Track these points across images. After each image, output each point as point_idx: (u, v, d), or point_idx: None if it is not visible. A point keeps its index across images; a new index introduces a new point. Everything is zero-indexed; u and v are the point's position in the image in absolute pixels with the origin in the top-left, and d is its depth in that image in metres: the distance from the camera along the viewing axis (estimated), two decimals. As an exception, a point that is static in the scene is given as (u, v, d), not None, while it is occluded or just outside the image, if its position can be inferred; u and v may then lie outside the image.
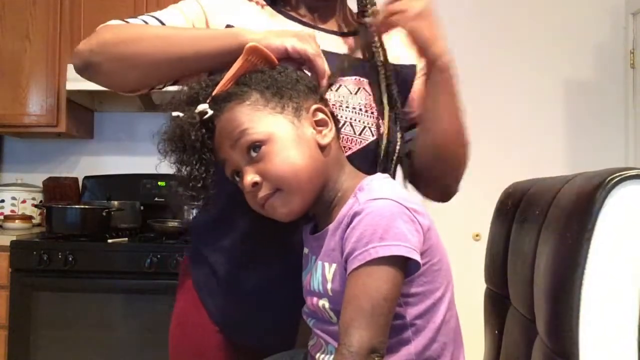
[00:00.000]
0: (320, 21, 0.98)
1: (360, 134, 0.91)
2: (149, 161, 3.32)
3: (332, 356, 0.75)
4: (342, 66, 0.90)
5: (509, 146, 2.63)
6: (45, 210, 2.42)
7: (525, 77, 2.74)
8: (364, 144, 0.91)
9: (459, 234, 2.44)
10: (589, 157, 2.63)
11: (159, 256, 2.13)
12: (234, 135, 0.75)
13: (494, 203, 1.10)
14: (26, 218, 2.60)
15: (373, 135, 0.92)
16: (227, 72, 0.79)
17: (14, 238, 2.21)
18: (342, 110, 0.91)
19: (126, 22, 0.96)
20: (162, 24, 0.94)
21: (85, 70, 0.96)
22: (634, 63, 2.72)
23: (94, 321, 2.17)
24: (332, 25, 0.99)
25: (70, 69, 2.43)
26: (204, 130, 0.77)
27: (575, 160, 2.72)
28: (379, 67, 0.93)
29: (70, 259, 2.13)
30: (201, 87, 0.80)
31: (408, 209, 0.69)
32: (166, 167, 0.81)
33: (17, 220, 2.55)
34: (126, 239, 2.33)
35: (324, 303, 0.76)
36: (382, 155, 0.91)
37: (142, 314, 2.18)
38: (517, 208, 0.94)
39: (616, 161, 2.60)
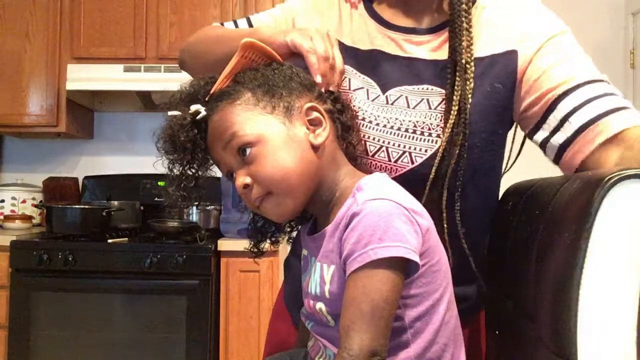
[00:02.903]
0: (405, 15, 0.90)
1: (396, 161, 0.84)
2: (149, 161, 3.32)
3: None
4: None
5: (509, 145, 2.63)
6: (45, 210, 2.42)
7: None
8: (400, 172, 0.84)
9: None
10: (589, 157, 2.63)
11: (159, 256, 2.13)
12: (224, 137, 0.74)
13: (494, 203, 1.10)
14: (26, 218, 2.60)
15: (412, 163, 0.84)
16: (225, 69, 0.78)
17: (14, 238, 2.21)
18: (386, 132, 0.85)
19: (221, 24, 1.03)
20: (250, 24, 1.00)
21: (180, 66, 1.03)
22: (634, 63, 2.72)
23: (94, 321, 2.18)
24: (419, 19, 0.90)
25: (70, 69, 2.46)
26: (195, 131, 0.77)
27: (575, 160, 2.72)
28: (457, 72, 0.81)
29: (70, 259, 2.13)
30: (200, 85, 0.79)
31: (407, 210, 0.68)
32: (164, 166, 0.81)
33: (17, 220, 2.56)
34: (126, 239, 2.33)
35: (320, 306, 0.75)
36: (432, 176, 0.82)
37: (142, 314, 2.18)
38: (517, 208, 0.94)
39: (616, 161, 2.60)
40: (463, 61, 0.81)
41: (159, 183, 2.67)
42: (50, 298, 2.18)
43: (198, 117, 0.76)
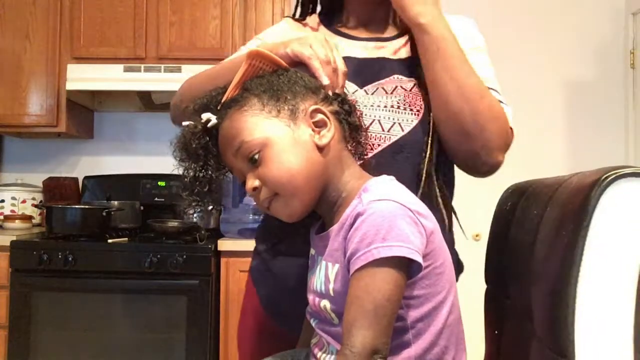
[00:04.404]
0: (369, 30, 1.03)
1: (388, 131, 0.92)
2: (149, 161, 3.31)
3: (334, 356, 0.76)
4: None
5: (509, 146, 2.63)
6: (45, 210, 2.42)
7: (525, 77, 2.74)
8: (393, 140, 0.92)
9: (459, 234, 2.44)
10: (589, 157, 2.64)
11: (159, 256, 2.13)
12: (234, 144, 0.77)
13: (494, 203, 1.10)
14: (26, 218, 2.60)
15: (403, 131, 0.92)
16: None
17: (14, 238, 2.21)
18: (374, 110, 0.93)
19: (203, 71, 1.06)
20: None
21: (176, 120, 1.04)
22: (634, 63, 2.72)
23: (94, 321, 2.17)
24: (381, 32, 1.04)
25: (70, 69, 2.46)
26: (207, 138, 0.80)
27: (575, 160, 2.72)
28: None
29: (70, 259, 2.13)
30: (212, 96, 0.82)
31: (411, 211, 0.70)
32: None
33: (17, 220, 2.55)
34: (126, 239, 2.33)
35: (325, 304, 0.76)
36: (429, 146, 0.92)
37: (142, 314, 2.18)
38: (516, 208, 0.94)
39: (616, 161, 2.60)
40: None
41: (159, 183, 2.67)
42: (50, 298, 2.17)
43: (209, 125, 0.79)
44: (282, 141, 0.75)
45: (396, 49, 1.00)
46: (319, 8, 1.11)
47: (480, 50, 1.01)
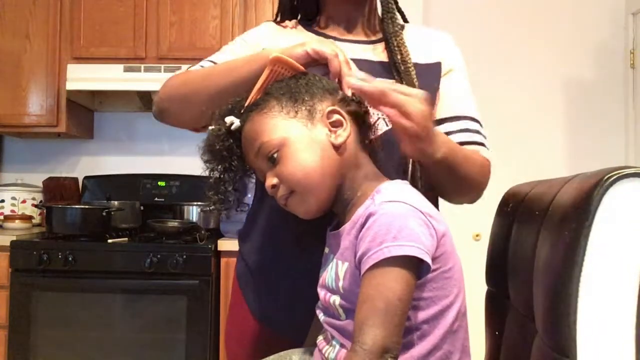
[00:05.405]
0: (348, 33, 1.06)
1: (374, 123, 0.93)
2: (149, 161, 3.29)
3: (337, 349, 0.78)
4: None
5: (508, 146, 2.64)
6: (45, 210, 2.42)
7: (525, 77, 2.74)
8: (378, 134, 0.92)
9: (459, 234, 2.45)
10: (589, 157, 2.64)
11: (158, 256, 2.13)
12: (255, 145, 0.80)
13: (495, 203, 1.10)
14: (26, 218, 2.60)
15: (387, 125, 0.92)
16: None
17: (14, 238, 2.21)
18: None
19: (189, 70, 1.08)
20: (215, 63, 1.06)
21: (159, 115, 1.07)
22: (634, 63, 2.72)
23: (94, 321, 2.17)
24: (360, 35, 1.07)
25: (70, 69, 2.46)
26: (231, 141, 0.84)
27: (575, 161, 2.73)
28: (399, 66, 0.98)
29: (70, 259, 2.13)
30: (237, 101, 0.86)
31: (423, 213, 0.71)
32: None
33: (17, 220, 2.56)
34: (126, 239, 2.33)
35: (335, 299, 0.78)
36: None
37: (142, 314, 2.18)
38: (517, 209, 0.94)
39: (616, 161, 2.61)
40: (402, 67, 0.97)
41: (159, 183, 2.67)
42: (50, 298, 2.17)
43: (232, 127, 0.83)
44: (299, 140, 0.78)
45: (377, 52, 1.03)
46: (299, 16, 1.14)
47: (464, 74, 1.07)
